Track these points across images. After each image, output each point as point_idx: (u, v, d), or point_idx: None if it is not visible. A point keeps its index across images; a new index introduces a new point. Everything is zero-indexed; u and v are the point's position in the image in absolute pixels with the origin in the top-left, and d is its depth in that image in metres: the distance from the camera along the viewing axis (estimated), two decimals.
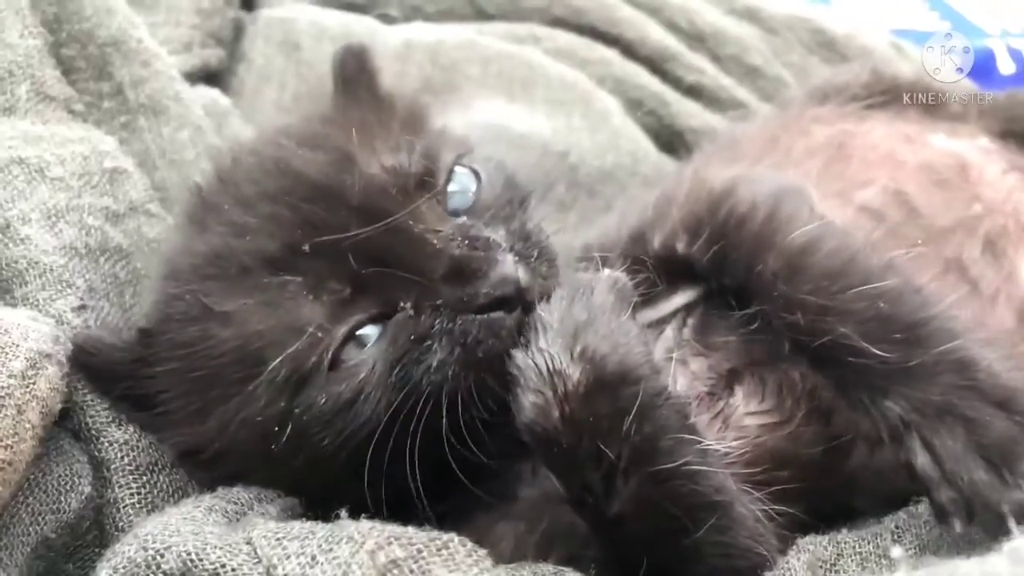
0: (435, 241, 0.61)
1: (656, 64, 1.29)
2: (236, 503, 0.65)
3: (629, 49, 1.29)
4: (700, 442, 0.58)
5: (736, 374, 0.68)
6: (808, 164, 0.86)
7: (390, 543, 0.53)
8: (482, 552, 0.54)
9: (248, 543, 0.55)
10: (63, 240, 0.77)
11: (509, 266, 0.60)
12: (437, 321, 0.60)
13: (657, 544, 0.57)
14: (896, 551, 0.50)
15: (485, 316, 0.59)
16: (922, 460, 0.58)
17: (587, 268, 0.66)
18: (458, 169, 0.69)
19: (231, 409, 0.63)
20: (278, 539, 0.55)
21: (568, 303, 0.59)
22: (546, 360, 0.56)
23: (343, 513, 0.57)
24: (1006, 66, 1.42)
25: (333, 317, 0.61)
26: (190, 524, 0.58)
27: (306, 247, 0.61)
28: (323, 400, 0.61)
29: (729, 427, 0.67)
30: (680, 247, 0.68)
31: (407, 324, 0.61)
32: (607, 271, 0.62)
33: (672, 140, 1.27)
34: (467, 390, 0.59)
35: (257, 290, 0.62)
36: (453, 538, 0.54)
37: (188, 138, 0.95)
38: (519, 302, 0.60)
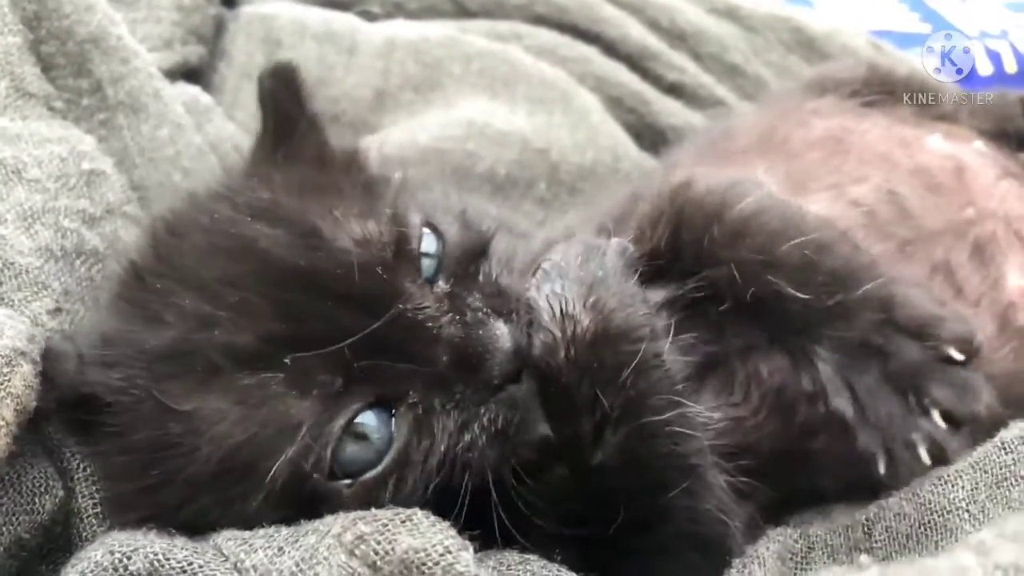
0: (430, 325, 0.58)
1: (636, 62, 1.30)
2: None
3: (610, 47, 1.30)
4: (687, 408, 0.60)
5: (705, 369, 0.69)
6: (807, 156, 0.87)
7: (355, 523, 0.53)
8: (445, 523, 0.54)
9: (214, 546, 0.56)
10: (39, 242, 0.76)
11: (507, 339, 0.59)
12: (457, 413, 0.58)
13: (631, 499, 0.58)
14: (864, 559, 0.51)
15: (504, 394, 0.59)
16: (842, 402, 0.61)
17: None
18: (425, 231, 0.65)
19: (220, 519, 0.57)
20: (244, 539, 0.56)
21: (583, 259, 0.61)
22: (561, 304, 0.58)
23: (303, 520, 0.57)
24: (984, 67, 1.43)
25: (326, 412, 0.56)
26: (156, 531, 0.58)
27: (287, 348, 0.55)
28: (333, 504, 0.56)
29: None
30: (643, 244, 0.69)
31: (424, 419, 0.57)
32: (616, 239, 0.64)
33: (653, 138, 1.27)
34: (509, 468, 0.59)
35: (232, 391, 0.56)
36: (416, 511, 0.54)
37: (168, 136, 0.96)
38: (523, 367, 0.59)
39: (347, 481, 0.57)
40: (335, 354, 0.55)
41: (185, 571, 0.54)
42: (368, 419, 0.57)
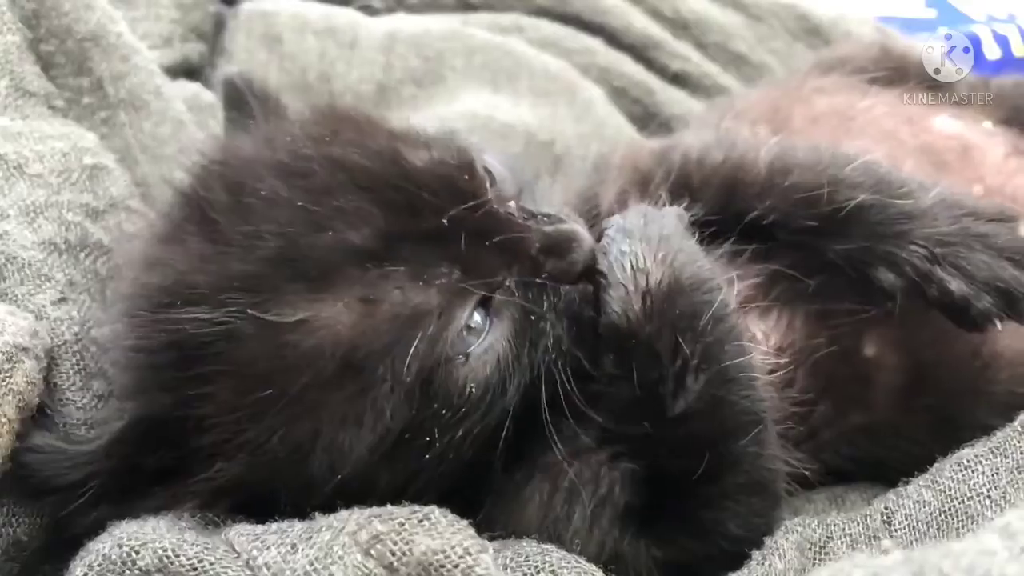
0: (520, 219, 0.63)
1: (640, 52, 1.29)
2: (216, 522, 0.62)
3: (613, 38, 1.29)
4: (756, 353, 0.64)
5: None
6: (810, 132, 0.87)
7: (371, 521, 0.52)
8: (464, 523, 0.54)
9: (226, 541, 0.55)
10: (42, 236, 0.76)
11: (588, 238, 0.63)
12: (544, 296, 0.61)
13: (708, 447, 0.60)
14: (886, 542, 0.51)
15: (581, 286, 0.62)
16: (956, 284, 0.65)
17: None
18: (487, 157, 0.68)
19: (328, 429, 0.57)
20: (256, 535, 0.55)
21: (646, 221, 0.64)
22: (632, 259, 0.61)
23: (317, 514, 0.56)
24: (992, 51, 1.42)
25: (450, 301, 0.58)
26: (166, 525, 0.57)
27: (405, 242, 0.57)
28: (469, 391, 0.58)
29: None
30: (632, 201, 0.72)
31: (515, 304, 0.61)
32: (673, 207, 0.67)
33: (657, 128, 1.26)
34: (577, 359, 0.62)
35: (352, 288, 0.56)
36: (434, 510, 0.54)
37: (169, 132, 0.95)
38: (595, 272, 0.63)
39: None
40: (444, 244, 0.58)
41: (195, 568, 0.53)
42: (477, 314, 0.60)
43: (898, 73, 0.97)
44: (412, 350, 0.56)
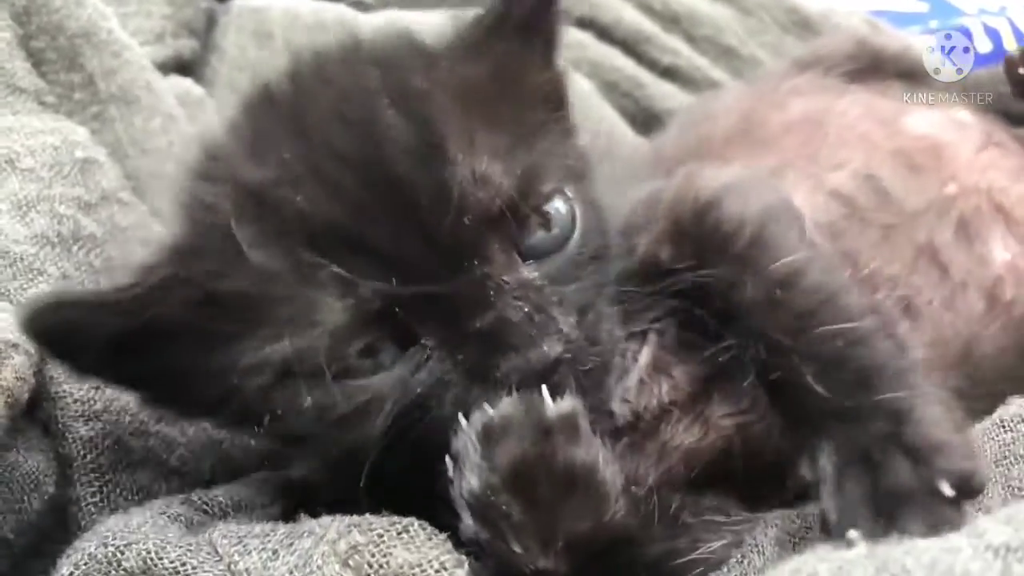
0: (491, 293, 0.55)
1: (631, 46, 1.30)
2: (207, 511, 0.64)
3: (604, 32, 1.30)
4: None
5: (714, 378, 0.67)
6: (784, 142, 0.85)
7: (350, 531, 0.53)
8: (442, 536, 0.54)
9: (209, 543, 0.55)
10: (34, 230, 0.76)
11: (547, 355, 0.55)
12: (450, 378, 0.56)
13: None
14: (852, 533, 0.50)
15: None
16: (828, 504, 0.57)
17: None
18: (556, 202, 0.60)
19: (229, 352, 0.56)
20: (239, 538, 0.55)
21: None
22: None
23: (302, 516, 0.57)
24: (983, 44, 1.42)
25: (352, 327, 0.55)
26: (151, 523, 0.58)
27: (347, 246, 0.54)
28: (305, 403, 0.56)
29: (709, 428, 0.66)
30: (664, 257, 0.65)
31: (425, 367, 0.56)
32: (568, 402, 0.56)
33: (648, 122, 1.27)
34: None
35: (288, 259, 0.54)
36: (413, 522, 0.54)
37: (160, 127, 0.95)
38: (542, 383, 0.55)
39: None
40: (384, 274, 0.54)
41: (178, 572, 0.54)
42: (387, 352, 0.56)
43: (873, 67, 0.96)
44: (289, 342, 0.54)
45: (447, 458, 0.55)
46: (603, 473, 0.55)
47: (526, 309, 0.55)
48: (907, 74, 0.96)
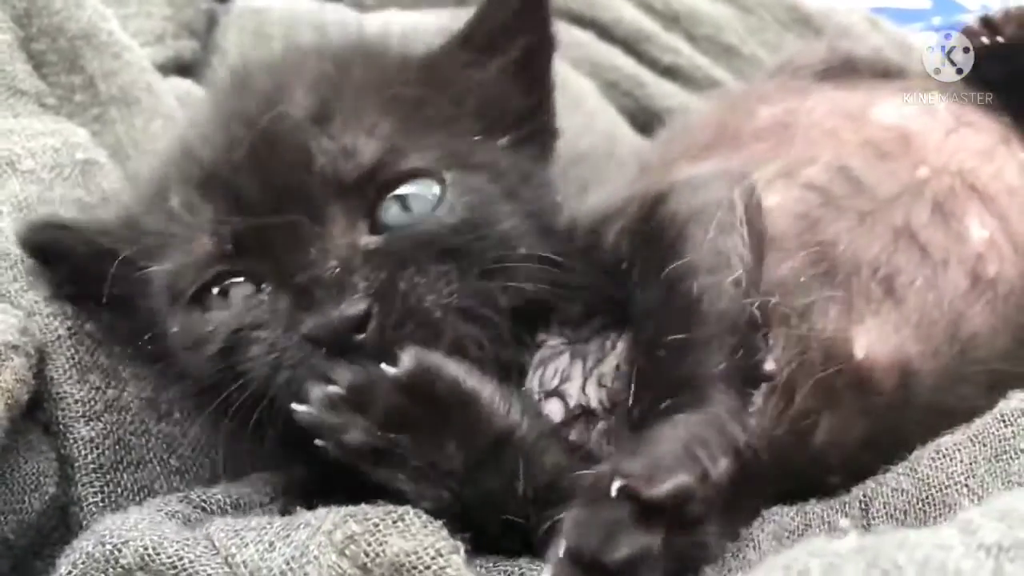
0: (313, 251, 0.61)
1: (631, 46, 1.30)
2: (204, 509, 0.65)
3: (604, 31, 1.30)
4: None
5: None
6: (755, 148, 0.85)
7: (346, 520, 0.53)
8: (437, 524, 0.55)
9: (206, 537, 0.56)
10: None
11: (348, 318, 0.58)
12: (272, 320, 0.61)
13: None
14: (843, 522, 0.50)
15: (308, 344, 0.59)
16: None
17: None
18: (420, 184, 0.65)
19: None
20: (236, 531, 0.56)
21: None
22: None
23: (299, 508, 0.58)
24: None
25: (210, 257, 0.64)
26: (148, 521, 0.58)
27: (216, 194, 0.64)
28: (175, 328, 0.65)
29: None
30: (624, 248, 0.69)
31: (254, 306, 0.63)
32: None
33: (649, 121, 1.27)
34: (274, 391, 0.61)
35: (187, 199, 0.65)
36: (408, 511, 0.55)
37: (160, 128, 0.96)
38: (339, 347, 0.59)
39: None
40: (243, 216, 0.63)
41: (175, 566, 0.54)
42: (242, 290, 0.64)
43: (847, 67, 0.97)
44: (168, 267, 0.66)
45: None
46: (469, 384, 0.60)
47: (338, 271, 0.60)
48: (882, 74, 0.96)
